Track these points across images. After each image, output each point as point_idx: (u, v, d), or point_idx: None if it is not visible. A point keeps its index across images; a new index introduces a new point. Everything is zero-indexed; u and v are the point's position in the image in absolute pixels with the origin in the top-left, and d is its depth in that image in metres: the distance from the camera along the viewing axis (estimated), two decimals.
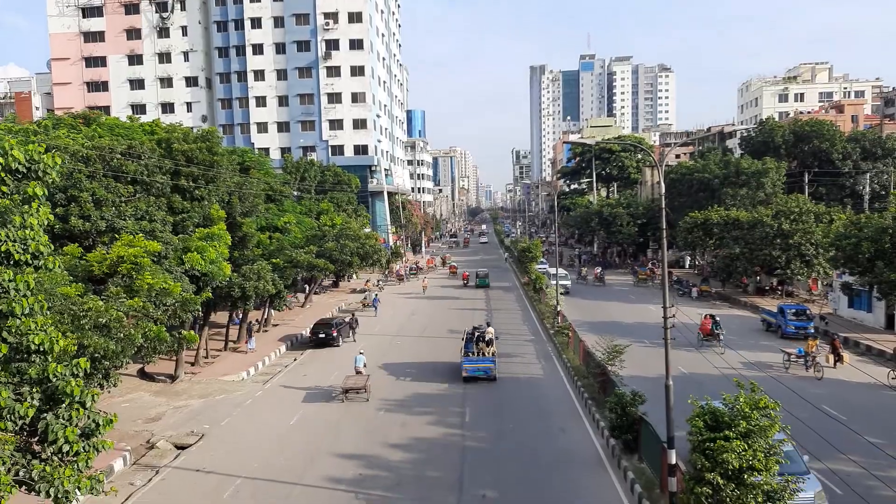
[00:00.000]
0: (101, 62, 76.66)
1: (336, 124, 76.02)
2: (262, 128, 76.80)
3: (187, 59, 76.75)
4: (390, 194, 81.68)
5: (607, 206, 71.74)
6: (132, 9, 76.00)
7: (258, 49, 75.53)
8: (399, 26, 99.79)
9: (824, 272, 42.15)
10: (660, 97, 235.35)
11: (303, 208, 49.83)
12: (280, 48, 75.59)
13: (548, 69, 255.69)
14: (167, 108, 76.57)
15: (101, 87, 76.99)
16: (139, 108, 74.92)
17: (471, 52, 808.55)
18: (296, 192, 52.39)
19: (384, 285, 57.06)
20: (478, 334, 28.12)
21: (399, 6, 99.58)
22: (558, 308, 36.67)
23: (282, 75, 75.85)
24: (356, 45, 75.17)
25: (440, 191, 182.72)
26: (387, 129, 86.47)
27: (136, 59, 76.67)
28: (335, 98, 75.54)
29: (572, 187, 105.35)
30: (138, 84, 76.99)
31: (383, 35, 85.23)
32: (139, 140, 29.99)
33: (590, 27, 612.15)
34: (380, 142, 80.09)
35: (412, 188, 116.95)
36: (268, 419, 22.30)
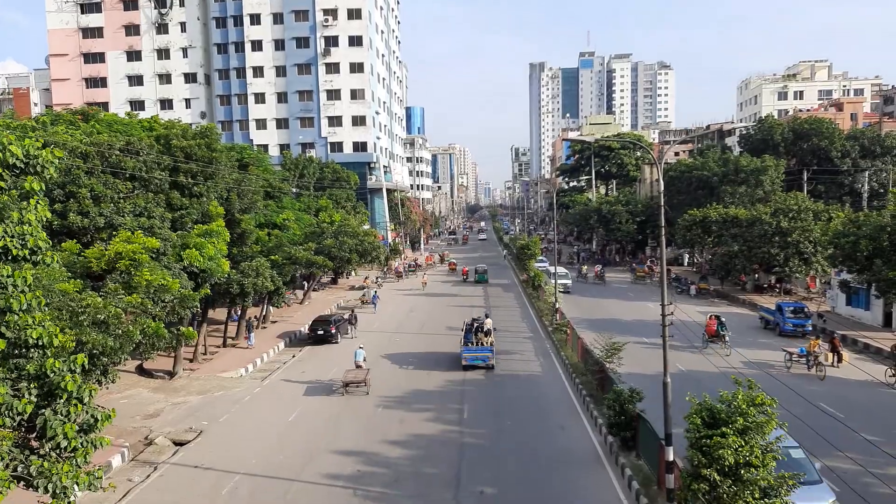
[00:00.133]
0: (99, 58, 76.48)
1: (335, 121, 75.93)
2: (261, 124, 76.69)
3: (186, 55, 76.59)
4: (389, 191, 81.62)
5: (606, 203, 71.78)
6: (131, 5, 75.80)
7: (257, 45, 75.38)
8: (398, 23, 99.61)
9: (822, 270, 42.22)
10: (659, 95, 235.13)
11: (301, 205, 49.80)
12: (279, 45, 75.44)
13: (547, 66, 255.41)
14: (166, 104, 76.40)
15: (100, 83, 76.81)
16: (138, 105, 74.77)
17: (470, 50, 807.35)
18: (294, 189, 52.35)
19: (383, 282, 57.05)
20: (476, 325, 29.28)
21: (399, 3, 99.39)
22: (557, 305, 36.70)
23: (281, 72, 75.71)
24: (355, 41, 75.04)
25: (439, 188, 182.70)
26: (386, 125, 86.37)
27: (134, 56, 76.51)
28: (334, 95, 75.42)
29: (571, 185, 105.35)
30: (137, 80, 76.82)
31: (382, 32, 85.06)
32: (138, 136, 29.94)
33: (589, 25, 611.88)
34: (379, 139, 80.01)
35: (411, 185, 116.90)
36: (266, 416, 22.32)
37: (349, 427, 20.93)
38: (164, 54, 76.53)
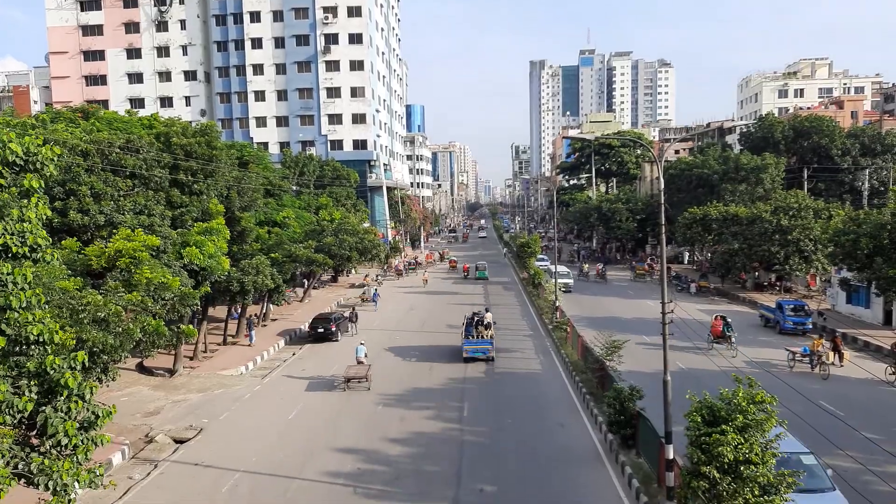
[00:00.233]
0: (99, 56, 76.41)
1: (335, 119, 75.87)
2: (261, 122, 76.65)
3: (186, 53, 76.50)
4: (389, 189, 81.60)
5: (606, 201, 71.74)
6: (130, 2, 75.68)
7: (257, 43, 75.30)
8: (398, 20, 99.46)
9: (823, 268, 42.21)
10: (659, 93, 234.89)
11: (302, 203, 49.79)
12: (279, 42, 75.36)
13: (547, 64, 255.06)
14: (166, 102, 76.34)
15: (100, 80, 76.73)
16: (138, 102, 74.72)
17: (470, 47, 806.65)
18: (294, 187, 52.36)
19: (383, 280, 57.06)
20: (477, 319, 30.36)
21: (399, 0, 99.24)
22: (557, 303, 36.71)
23: (281, 69, 75.62)
24: (355, 39, 74.95)
25: (439, 186, 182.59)
26: (386, 123, 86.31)
27: (134, 53, 76.43)
28: (334, 92, 75.35)
29: (571, 182, 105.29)
30: (137, 78, 76.76)
31: (382, 29, 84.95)
32: (138, 134, 29.93)
33: (590, 22, 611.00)
34: (379, 136, 79.95)
35: (411, 183, 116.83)
36: (266, 413, 22.33)
37: (349, 425, 20.94)
38: (163, 52, 76.44)
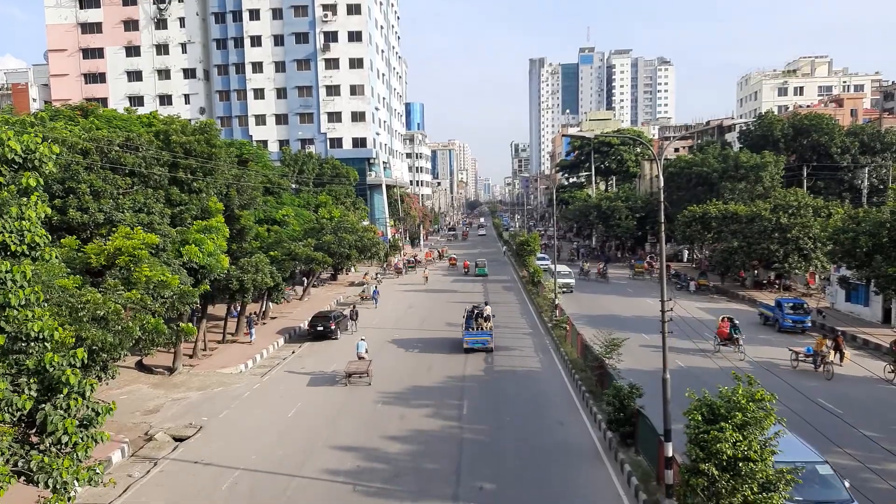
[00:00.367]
0: (98, 54, 76.29)
1: (334, 117, 75.81)
2: (260, 120, 76.58)
3: (185, 50, 76.40)
4: (389, 187, 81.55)
5: (606, 199, 71.73)
6: (129, 0, 75.58)
7: (256, 41, 75.21)
8: (398, 18, 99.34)
9: (822, 266, 42.21)
10: (659, 91, 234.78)
11: (301, 201, 49.76)
12: (278, 40, 75.26)
13: (547, 62, 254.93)
14: (165, 100, 76.26)
15: (99, 78, 76.64)
16: (137, 100, 74.61)
17: (470, 46, 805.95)
18: (294, 185, 52.30)
19: (382, 278, 57.06)
20: (476, 312, 31.40)
21: None
22: (556, 302, 36.72)
23: (280, 67, 75.56)
24: (355, 37, 74.86)
25: (439, 184, 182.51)
26: (385, 121, 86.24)
27: (133, 51, 76.31)
28: (334, 90, 75.29)
29: (571, 181, 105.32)
30: (136, 76, 76.67)
31: (382, 27, 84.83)
32: (137, 132, 29.88)
33: (589, 20, 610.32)
34: (378, 134, 79.89)
35: (410, 181, 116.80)
36: (266, 411, 22.34)
37: (349, 423, 20.95)
38: (162, 50, 76.32)
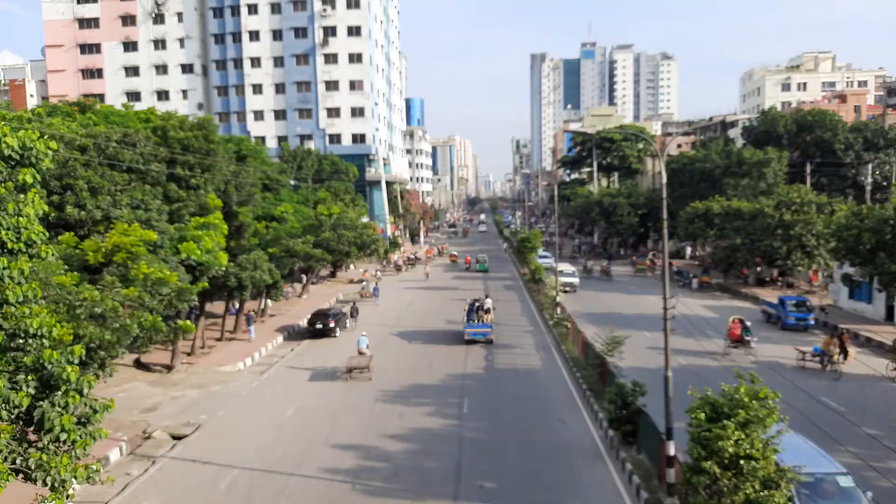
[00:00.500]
0: (95, 49, 76.02)
1: (333, 112, 75.54)
2: (259, 116, 76.32)
3: (183, 45, 76.09)
4: (388, 183, 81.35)
5: (608, 195, 71.44)
6: None
7: (254, 36, 74.87)
8: (398, 13, 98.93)
9: (825, 263, 42.04)
10: (661, 86, 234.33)
11: (300, 197, 49.60)
12: (277, 35, 74.92)
13: (548, 57, 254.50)
14: (162, 95, 76.00)
15: (96, 74, 76.42)
16: (134, 96, 74.41)
17: (471, 40, 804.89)
18: (293, 181, 52.13)
19: (382, 275, 56.94)
20: (477, 305, 32.13)
21: None
22: (557, 299, 36.58)
23: (278, 62, 75.26)
24: (354, 31, 74.53)
25: (439, 180, 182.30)
26: (385, 117, 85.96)
27: (131, 46, 76.02)
28: (333, 86, 74.99)
29: (573, 177, 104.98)
30: (133, 71, 76.40)
31: (382, 22, 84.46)
32: (134, 128, 29.71)
33: (591, 15, 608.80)
34: (378, 130, 79.62)
35: (410, 177, 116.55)
36: (264, 410, 22.21)
37: (348, 421, 20.83)
38: (160, 45, 76.02)
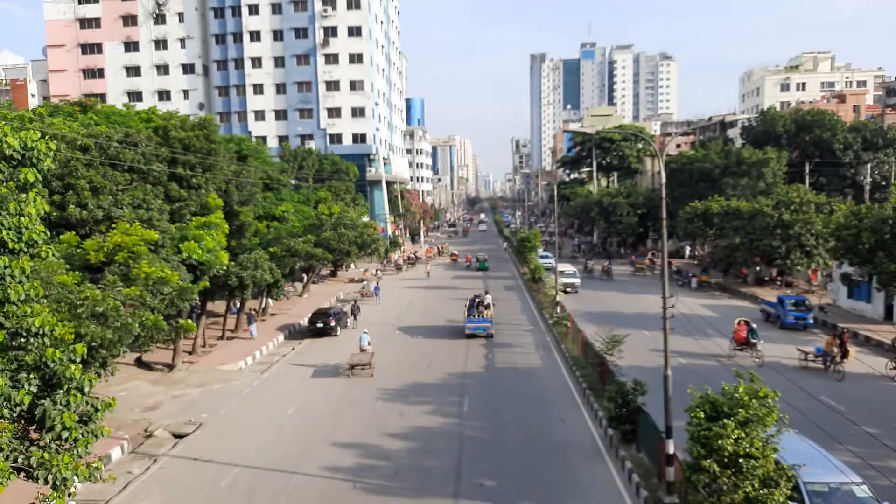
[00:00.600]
0: (97, 49, 76.10)
1: (334, 112, 75.62)
2: (260, 116, 76.39)
3: (184, 46, 76.18)
4: (389, 183, 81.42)
5: (607, 195, 71.48)
6: None
7: (255, 36, 74.95)
8: (398, 13, 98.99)
9: (824, 263, 42.09)
10: (661, 86, 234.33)
11: (300, 197, 49.66)
12: (277, 35, 75.00)
13: (548, 57, 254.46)
14: (164, 95, 76.10)
15: (98, 74, 76.49)
16: (135, 96, 74.50)
17: (471, 40, 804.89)
18: (293, 181, 52.18)
19: (382, 275, 56.99)
20: (478, 300, 33.29)
21: None
22: (557, 298, 36.65)
23: (279, 63, 75.34)
24: (354, 32, 74.60)
25: (439, 180, 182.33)
26: (385, 117, 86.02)
27: (132, 46, 76.11)
28: (333, 86, 75.07)
29: (572, 177, 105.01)
30: (135, 71, 76.48)
31: (382, 22, 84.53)
32: (136, 128, 29.77)
33: (591, 15, 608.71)
34: (378, 130, 79.70)
35: (411, 177, 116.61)
36: (266, 408, 22.28)
37: (349, 419, 20.90)
38: (161, 45, 76.10)
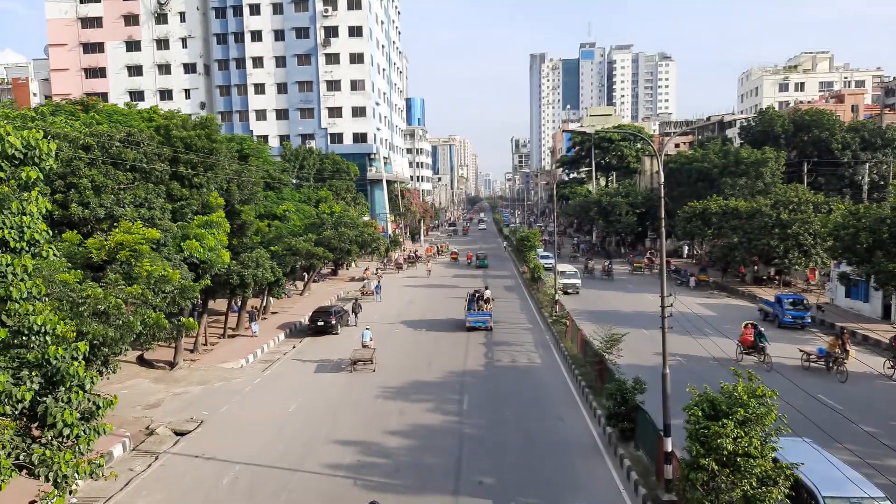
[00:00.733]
0: (98, 48, 76.18)
1: (335, 112, 75.72)
2: (261, 115, 76.49)
3: (185, 45, 76.27)
4: (389, 182, 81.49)
5: (606, 195, 71.60)
6: None
7: (256, 36, 75.05)
8: (398, 13, 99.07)
9: (822, 262, 42.20)
10: (660, 86, 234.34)
11: (301, 196, 49.73)
12: (279, 35, 75.10)
13: (548, 57, 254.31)
14: (165, 94, 76.18)
15: (99, 73, 76.57)
16: (137, 95, 74.57)
17: (470, 41, 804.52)
18: (294, 180, 52.27)
19: (383, 273, 57.10)
20: (478, 295, 34.98)
21: None
22: (556, 297, 36.77)
23: (280, 62, 75.44)
24: (355, 31, 74.70)
25: (439, 179, 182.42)
26: (386, 116, 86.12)
27: (133, 46, 76.19)
28: (334, 85, 75.18)
29: (571, 176, 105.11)
30: (136, 70, 76.58)
31: (382, 22, 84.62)
32: (138, 127, 29.86)
33: (590, 16, 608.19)
34: (379, 130, 79.80)
35: (411, 176, 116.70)
36: (267, 406, 22.40)
37: (349, 418, 21.01)
38: (163, 44, 76.19)
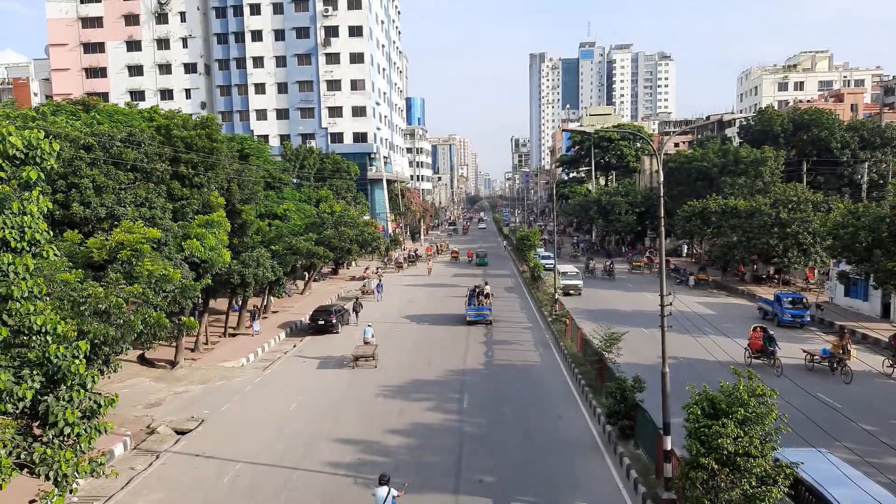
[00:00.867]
0: (99, 48, 76.26)
1: (335, 112, 75.79)
2: (261, 115, 76.56)
3: (186, 45, 76.34)
4: (389, 182, 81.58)
5: (606, 194, 71.68)
6: None
7: (257, 35, 75.11)
8: (398, 13, 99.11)
9: (821, 261, 42.28)
10: (659, 85, 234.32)
11: (302, 196, 49.79)
12: (279, 35, 75.17)
13: (547, 57, 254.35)
14: (166, 94, 76.25)
15: (100, 73, 76.66)
16: (138, 95, 74.63)
17: (471, 40, 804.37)
18: (295, 180, 52.34)
19: (383, 272, 57.15)
20: (478, 291, 36.10)
21: None
22: (556, 296, 36.83)
23: (281, 62, 75.52)
24: (355, 31, 74.75)
25: (439, 178, 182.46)
26: (386, 116, 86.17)
27: (134, 46, 76.27)
28: (334, 85, 75.25)
29: (571, 176, 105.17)
30: (137, 70, 76.65)
31: (383, 22, 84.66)
32: (138, 127, 29.91)
33: (590, 15, 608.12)
34: (379, 129, 79.86)
35: (411, 176, 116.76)
36: (267, 405, 22.46)
37: (350, 416, 21.07)
38: (163, 44, 76.26)
